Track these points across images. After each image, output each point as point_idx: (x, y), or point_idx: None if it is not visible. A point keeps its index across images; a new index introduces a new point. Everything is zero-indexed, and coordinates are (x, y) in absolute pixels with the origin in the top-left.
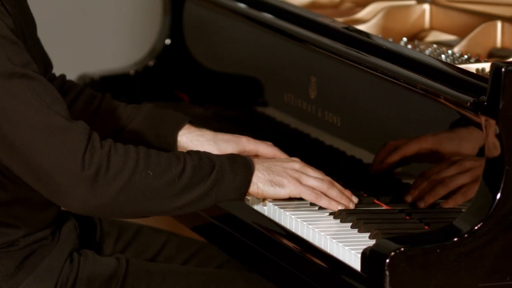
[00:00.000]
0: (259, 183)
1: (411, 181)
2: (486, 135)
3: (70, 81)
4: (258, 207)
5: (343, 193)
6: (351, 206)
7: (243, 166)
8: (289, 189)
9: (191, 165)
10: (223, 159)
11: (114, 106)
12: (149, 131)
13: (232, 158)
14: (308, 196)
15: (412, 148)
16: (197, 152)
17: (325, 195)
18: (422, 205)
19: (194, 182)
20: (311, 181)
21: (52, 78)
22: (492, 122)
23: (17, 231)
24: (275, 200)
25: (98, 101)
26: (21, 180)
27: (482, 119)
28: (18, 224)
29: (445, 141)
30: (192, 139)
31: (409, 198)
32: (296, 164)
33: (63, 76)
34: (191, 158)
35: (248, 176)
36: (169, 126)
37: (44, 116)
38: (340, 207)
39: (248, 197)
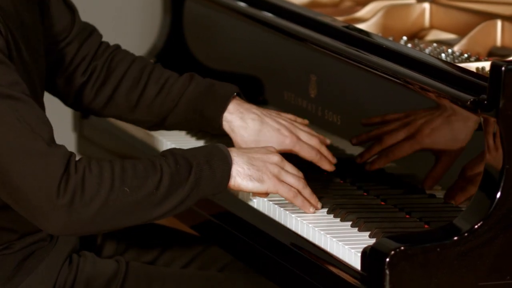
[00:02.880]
0: (238, 177)
1: (412, 180)
2: (486, 134)
3: (120, 54)
4: (258, 206)
5: (305, 203)
6: (319, 206)
7: (221, 162)
8: (267, 185)
9: (168, 173)
10: (200, 157)
11: (159, 86)
12: (195, 113)
13: (209, 155)
14: (286, 194)
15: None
16: (173, 154)
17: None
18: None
19: (173, 189)
20: (289, 178)
21: (104, 48)
22: (492, 120)
23: (12, 234)
24: (274, 197)
25: (144, 83)
26: None
27: (482, 118)
28: (13, 227)
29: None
30: (232, 128)
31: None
32: (275, 156)
33: (114, 48)
34: (167, 164)
35: (227, 171)
36: (213, 108)
37: (25, 140)
38: (312, 210)
39: (251, 197)
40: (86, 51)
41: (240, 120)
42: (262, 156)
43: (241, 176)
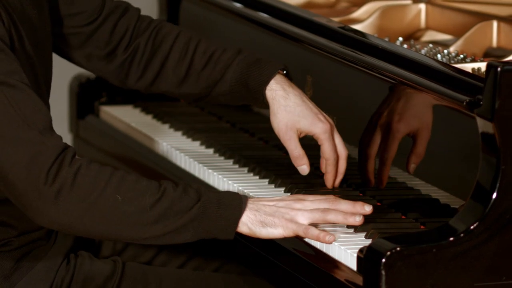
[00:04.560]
0: (249, 224)
1: (408, 180)
2: (482, 134)
3: (164, 28)
4: None
5: (344, 214)
6: (357, 220)
7: (232, 205)
8: (282, 229)
9: (169, 197)
10: (212, 196)
11: (206, 59)
12: (240, 84)
13: (223, 197)
14: (299, 233)
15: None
16: (186, 184)
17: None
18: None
19: (169, 214)
20: (306, 214)
21: (146, 24)
22: (488, 121)
23: (11, 230)
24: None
25: (191, 56)
26: None
27: (478, 119)
28: (12, 223)
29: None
30: (273, 96)
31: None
32: (295, 203)
33: (158, 23)
34: (173, 189)
35: (236, 216)
36: (258, 80)
37: (16, 127)
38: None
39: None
40: (123, 28)
41: (283, 91)
42: (277, 202)
43: (254, 223)
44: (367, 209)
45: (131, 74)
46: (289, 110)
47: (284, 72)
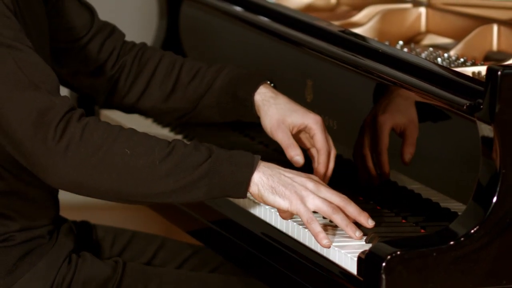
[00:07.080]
0: (260, 186)
1: (408, 184)
2: (482, 138)
3: (150, 49)
4: (254, 211)
5: (348, 222)
6: (357, 235)
7: (244, 163)
8: (289, 203)
9: (180, 152)
10: (224, 154)
11: (193, 73)
12: (228, 95)
13: (234, 155)
14: (302, 217)
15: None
16: (197, 143)
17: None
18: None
19: (179, 169)
20: (316, 201)
21: (131, 46)
22: (488, 125)
23: (13, 224)
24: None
25: (177, 72)
26: (19, 172)
27: (478, 122)
28: (14, 216)
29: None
30: (263, 98)
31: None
32: (310, 183)
33: (142, 45)
34: (183, 145)
35: (247, 174)
36: (246, 88)
37: (23, 87)
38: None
39: (250, 197)
40: (111, 47)
41: (272, 93)
42: (294, 176)
43: (264, 186)
44: (370, 223)
45: (117, 91)
46: (280, 107)
47: (272, 85)
